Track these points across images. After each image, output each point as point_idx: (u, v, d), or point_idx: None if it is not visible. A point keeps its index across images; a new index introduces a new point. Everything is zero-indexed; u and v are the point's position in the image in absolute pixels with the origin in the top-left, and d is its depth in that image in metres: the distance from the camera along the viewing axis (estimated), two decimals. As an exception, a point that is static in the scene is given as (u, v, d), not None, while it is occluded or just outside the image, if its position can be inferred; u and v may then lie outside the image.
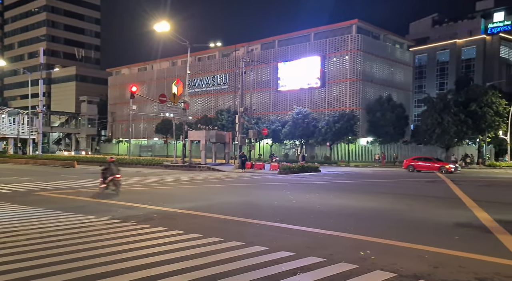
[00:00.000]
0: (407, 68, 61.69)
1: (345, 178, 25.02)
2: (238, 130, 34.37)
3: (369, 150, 51.94)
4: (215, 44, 36.31)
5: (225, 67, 66.40)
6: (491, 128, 45.72)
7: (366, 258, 6.34)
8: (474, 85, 51.59)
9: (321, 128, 48.34)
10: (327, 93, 54.87)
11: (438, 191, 18.11)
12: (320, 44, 55.70)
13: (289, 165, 31.48)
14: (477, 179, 25.24)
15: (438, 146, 47.39)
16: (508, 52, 75.48)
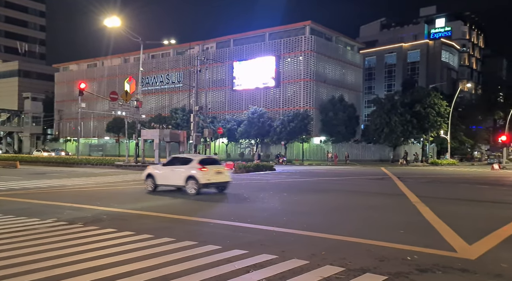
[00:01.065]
0: (358, 70, 63.99)
1: (299, 176, 25.52)
2: (193, 129, 33.95)
3: (322, 149, 53.33)
4: (169, 41, 35.59)
5: (179, 65, 65.36)
6: (433, 128, 48.57)
7: (317, 254, 6.50)
8: (419, 87, 54.59)
9: (276, 128, 48.95)
10: (282, 93, 55.63)
11: (385, 188, 18.96)
12: (274, 44, 56.36)
13: (245, 164, 31.59)
14: (421, 176, 26.72)
15: (386, 145, 49.63)
16: (449, 56, 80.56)
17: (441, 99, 49.27)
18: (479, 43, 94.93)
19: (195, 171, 14.28)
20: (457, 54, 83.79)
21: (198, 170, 14.24)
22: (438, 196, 15.75)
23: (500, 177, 27.64)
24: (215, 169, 14.81)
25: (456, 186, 20.45)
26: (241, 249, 6.68)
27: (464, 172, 32.86)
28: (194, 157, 15.52)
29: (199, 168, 14.26)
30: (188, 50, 64.30)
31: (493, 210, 12.16)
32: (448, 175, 29.06)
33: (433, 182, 22.33)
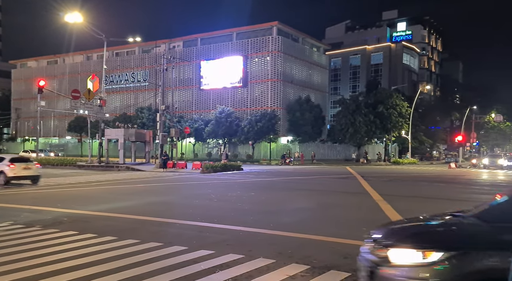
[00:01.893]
0: (324, 71, 65.18)
1: (266, 176, 25.66)
2: (159, 129, 33.42)
3: (290, 149, 53.93)
4: (134, 39, 34.84)
5: (145, 64, 64.10)
6: (395, 128, 50.28)
7: (283, 252, 6.57)
8: (382, 88, 56.32)
9: (243, 127, 49.01)
10: (249, 92, 55.75)
11: (350, 186, 19.42)
12: (242, 44, 56.40)
13: (212, 164, 31.42)
14: (383, 175, 27.59)
15: (351, 144, 50.87)
16: (409, 59, 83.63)
17: (403, 100, 51.09)
18: (438, 46, 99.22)
19: (5, 167, 17.70)
20: (417, 57, 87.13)
21: (7, 167, 17.68)
22: (399, 194, 16.32)
23: (456, 175, 28.99)
24: (23, 166, 18.21)
25: (416, 184, 21.25)
26: (208, 250, 6.65)
27: (423, 171, 34.22)
28: (6, 156, 19.07)
29: (8, 165, 17.74)
30: (154, 48, 63.18)
31: (449, 207, 12.70)
32: (409, 173, 30.17)
33: (395, 181, 23.10)
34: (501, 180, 25.03)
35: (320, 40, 70.75)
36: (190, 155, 53.80)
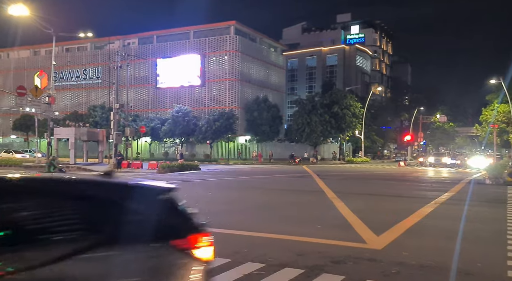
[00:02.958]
0: (281, 71, 66.06)
1: (224, 175, 25.63)
2: (113, 128, 32.34)
3: (248, 148, 54.17)
4: (86, 34, 33.41)
5: (98, 60, 61.81)
6: (349, 128, 51.95)
7: (239, 251, 6.61)
8: (336, 89, 57.95)
9: (201, 127, 48.62)
10: (207, 91, 55.38)
11: (306, 185, 19.86)
12: (200, 42, 55.91)
13: (169, 163, 30.90)
14: (338, 174, 28.45)
15: (308, 144, 51.92)
16: (362, 61, 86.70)
17: (356, 101, 52.89)
18: (388, 50, 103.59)
19: None
20: (369, 59, 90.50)
21: None
22: (352, 191, 16.92)
23: (405, 173, 30.48)
24: None
25: (368, 182, 22.12)
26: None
27: (375, 169, 35.67)
28: None
29: None
30: (108, 45, 61.07)
31: (398, 203, 13.38)
32: (362, 172, 31.32)
33: (349, 179, 23.91)
34: (445, 177, 26.63)
35: (277, 40, 71.63)
36: (146, 155, 52.54)
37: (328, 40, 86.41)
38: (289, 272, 5.55)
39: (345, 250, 6.80)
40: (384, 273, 5.55)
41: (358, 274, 5.46)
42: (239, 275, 5.41)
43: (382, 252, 6.71)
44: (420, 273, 5.58)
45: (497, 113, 51.89)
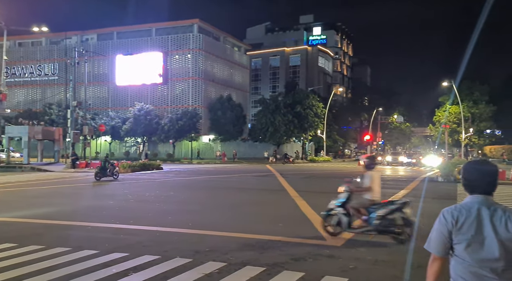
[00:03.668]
0: (245, 71, 66.17)
1: (187, 175, 25.35)
2: (70, 126, 31.15)
3: (211, 147, 53.83)
4: (40, 28, 31.84)
5: (54, 56, 59.23)
6: (312, 128, 52.89)
7: (201, 251, 6.58)
8: (299, 89, 58.81)
9: (164, 126, 47.82)
10: (170, 90, 54.51)
11: (269, 184, 20.03)
12: (162, 40, 54.94)
13: (130, 163, 30.14)
14: (300, 172, 28.91)
15: (271, 143, 52.32)
16: (324, 62, 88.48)
17: (318, 101, 53.92)
18: (349, 51, 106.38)
19: None
20: (331, 61, 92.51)
21: None
22: (314, 190, 17.25)
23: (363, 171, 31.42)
24: None
25: (329, 180, 22.61)
26: (121, 252, 6.40)
27: (336, 168, 36.54)
28: None
29: None
30: (64, 40, 58.61)
31: (357, 200, 13.81)
32: (323, 170, 31.99)
33: (311, 178, 24.36)
34: (401, 175, 27.72)
35: (241, 40, 71.66)
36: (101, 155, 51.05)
37: (291, 41, 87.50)
38: (250, 270, 5.59)
39: (305, 247, 6.94)
40: (342, 268, 5.72)
41: (317, 271, 5.59)
42: (200, 275, 5.39)
43: (341, 249, 6.90)
44: (375, 268, 5.80)
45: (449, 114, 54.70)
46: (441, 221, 2.34)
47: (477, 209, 2.29)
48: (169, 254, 6.37)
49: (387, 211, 7.29)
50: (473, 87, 53.97)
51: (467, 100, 53.40)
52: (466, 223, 2.26)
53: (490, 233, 2.21)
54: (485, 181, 2.35)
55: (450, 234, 2.29)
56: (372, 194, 7.56)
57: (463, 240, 2.25)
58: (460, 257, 2.27)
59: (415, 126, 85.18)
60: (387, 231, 7.30)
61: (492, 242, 2.19)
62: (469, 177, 2.38)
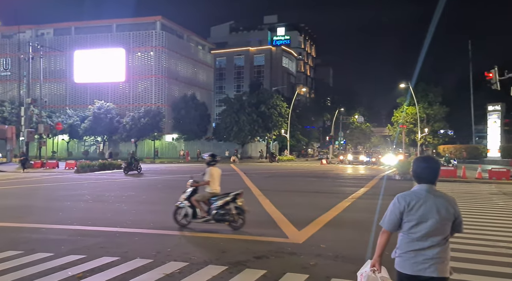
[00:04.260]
0: (209, 69, 65.72)
1: (149, 175, 24.84)
2: (24, 124, 29.73)
3: (175, 147, 53.05)
4: (-9, 21, 30.10)
5: (6, 51, 56.20)
6: (276, 127, 53.35)
7: (162, 251, 6.48)
8: (263, 89, 59.18)
9: (125, 124, 46.63)
10: (132, 88, 53.20)
11: (232, 183, 19.97)
12: (123, 36, 53.50)
13: (89, 162, 29.13)
14: (265, 171, 29.09)
15: (236, 142, 52.28)
16: (288, 62, 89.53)
17: (282, 101, 54.46)
18: (312, 52, 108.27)
19: None
20: (295, 61, 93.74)
21: None
22: (277, 188, 17.42)
23: (326, 170, 32.11)
24: None
25: (292, 179, 22.93)
26: (78, 254, 6.18)
27: (299, 167, 37.07)
28: None
29: None
30: (18, 34, 55.69)
31: (319, 199, 14.08)
32: (287, 169, 32.36)
33: (274, 177, 24.57)
34: (361, 174, 28.53)
35: (205, 38, 71.08)
36: (64, 154, 49.01)
37: (255, 40, 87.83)
38: (212, 269, 5.57)
39: (268, 245, 6.99)
40: (303, 265, 5.81)
41: (279, 268, 5.64)
42: (161, 275, 5.30)
43: (302, 245, 7.01)
44: (335, 264, 5.94)
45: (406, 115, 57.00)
46: (395, 204, 2.97)
47: (424, 195, 2.93)
48: (129, 255, 6.22)
49: (223, 202, 8.24)
50: (428, 89, 56.51)
51: (423, 102, 55.85)
52: (416, 206, 2.90)
53: (434, 214, 2.88)
54: (429, 173, 2.98)
55: (402, 214, 2.94)
56: (211, 187, 8.49)
57: (413, 219, 2.90)
58: (408, 232, 2.93)
59: (375, 126, 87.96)
60: (224, 220, 8.20)
61: (435, 221, 2.87)
62: (417, 170, 3.01)
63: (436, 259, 2.87)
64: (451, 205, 2.93)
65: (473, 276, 5.34)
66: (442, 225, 2.88)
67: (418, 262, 2.88)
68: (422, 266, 2.86)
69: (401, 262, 2.97)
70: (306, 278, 5.25)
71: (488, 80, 23.01)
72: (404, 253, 2.94)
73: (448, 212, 2.89)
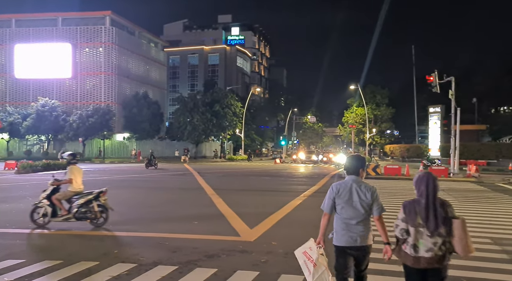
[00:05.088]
0: (162, 68, 64.39)
1: (98, 175, 23.86)
2: (-43, 122, 27.38)
3: (126, 146, 51.43)
4: None
5: None
6: (230, 127, 53.31)
7: (109, 253, 6.26)
8: (218, 88, 58.85)
9: (72, 123, 44.51)
10: (79, 85, 50.93)
11: (186, 183, 19.75)
12: (70, 31, 51.07)
13: (31, 163, 27.48)
14: (218, 171, 28.99)
15: (190, 142, 51.63)
16: (243, 62, 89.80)
17: (237, 100, 54.50)
18: (266, 53, 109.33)
19: None
20: (249, 61, 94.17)
21: None
22: (231, 188, 17.43)
23: (279, 169, 32.59)
24: None
25: (246, 178, 23.04)
26: (16, 259, 5.82)
27: (253, 166, 37.32)
28: None
29: None
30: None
31: (272, 197, 14.25)
32: (241, 169, 32.46)
33: (228, 176, 24.55)
34: (313, 172, 29.25)
35: (158, 36, 69.50)
36: (3, 154, 45.90)
37: (210, 39, 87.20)
38: (161, 270, 5.47)
39: (220, 244, 6.98)
40: (254, 263, 5.86)
41: (230, 266, 5.66)
42: (107, 277, 5.13)
43: (254, 243, 7.07)
44: (285, 260, 6.04)
45: (355, 115, 59.25)
46: (329, 191, 3.84)
47: (350, 184, 3.79)
48: (73, 258, 5.95)
49: (85, 200, 8.32)
50: (376, 91, 59.12)
51: (371, 103, 58.34)
52: (343, 192, 3.76)
53: (357, 198, 3.73)
54: (353, 168, 3.86)
55: (334, 199, 3.78)
56: (74, 186, 8.50)
57: (341, 202, 3.75)
58: (339, 214, 3.78)
59: (327, 126, 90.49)
60: (85, 218, 8.28)
61: (358, 204, 3.71)
62: (346, 165, 3.94)
63: (361, 232, 3.71)
64: (369, 192, 3.73)
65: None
66: (363, 207, 3.70)
67: (348, 236, 3.72)
68: (352, 239, 3.71)
69: (337, 238, 3.80)
70: (256, 275, 5.30)
71: (429, 83, 24.50)
72: (339, 230, 3.78)
73: (366, 197, 3.72)
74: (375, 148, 63.71)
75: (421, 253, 3.29)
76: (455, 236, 3.25)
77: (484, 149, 40.90)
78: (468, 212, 10.72)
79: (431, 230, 3.25)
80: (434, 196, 3.35)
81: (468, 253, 3.28)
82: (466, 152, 36.96)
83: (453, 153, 25.20)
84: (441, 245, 3.27)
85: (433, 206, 3.31)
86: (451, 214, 3.30)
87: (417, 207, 3.33)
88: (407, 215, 3.35)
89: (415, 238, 3.30)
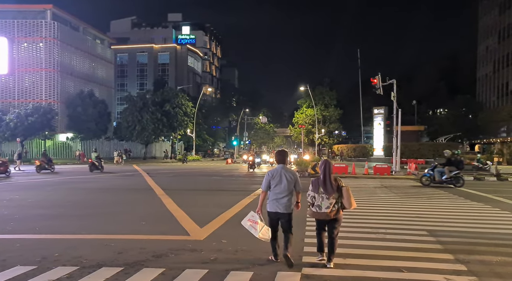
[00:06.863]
0: (109, 65, 62.08)
1: (42, 177, 22.52)
2: None
3: (70, 147, 48.97)
4: None
5: None
6: (181, 127, 52.53)
7: (48, 256, 5.93)
8: (168, 87, 57.78)
9: (9, 122, 41.70)
10: (17, 82, 47.82)
11: (135, 183, 19.19)
12: (6, 24, 47.82)
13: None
14: (169, 171, 28.47)
15: (139, 142, 50.19)
16: (194, 62, 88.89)
17: (188, 100, 53.80)
18: (217, 53, 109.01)
19: None
20: (200, 61, 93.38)
21: None
22: (181, 188, 17.18)
23: (231, 169, 32.64)
24: None
25: (196, 178, 22.82)
26: None
27: (205, 167, 37.06)
28: None
29: None
30: None
31: (222, 196, 14.23)
32: (192, 169, 32.10)
33: (178, 176, 24.17)
34: (263, 172, 29.60)
35: (104, 32, 66.87)
36: None
37: (159, 38, 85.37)
38: (105, 272, 5.27)
39: (168, 243, 6.86)
40: (203, 261, 5.82)
41: (178, 265, 5.58)
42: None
43: (204, 242, 7.02)
44: (235, 257, 6.07)
45: (305, 116, 60.72)
46: (266, 176, 5.66)
47: (280, 170, 5.62)
48: (8, 263, 5.57)
49: None
50: (325, 92, 60.96)
51: (320, 104, 60.08)
52: (275, 175, 5.58)
53: (284, 179, 5.54)
54: (281, 159, 5.78)
55: (270, 181, 5.58)
56: None
57: (274, 183, 5.55)
58: (273, 190, 5.56)
59: (278, 126, 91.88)
60: None
61: (285, 183, 5.52)
62: (276, 157, 5.85)
63: (286, 203, 5.52)
64: (293, 175, 5.62)
65: (357, 260, 5.91)
66: (288, 186, 5.52)
67: (276, 205, 5.54)
68: (279, 207, 5.53)
69: (269, 206, 5.61)
70: (205, 273, 5.27)
71: (373, 85, 25.70)
72: (271, 201, 5.58)
73: (291, 178, 5.56)
74: (324, 148, 65.64)
75: (323, 210, 5.44)
76: (344, 198, 5.43)
77: (423, 149, 43.60)
78: (407, 207, 11.37)
79: (328, 195, 5.42)
80: (329, 173, 5.50)
81: (352, 207, 5.48)
82: (407, 152, 39.20)
83: (395, 152, 26.60)
84: (334, 203, 5.43)
85: (329, 180, 5.47)
86: (341, 185, 5.48)
87: (319, 181, 5.52)
88: (314, 187, 5.55)
89: (319, 200, 5.48)
